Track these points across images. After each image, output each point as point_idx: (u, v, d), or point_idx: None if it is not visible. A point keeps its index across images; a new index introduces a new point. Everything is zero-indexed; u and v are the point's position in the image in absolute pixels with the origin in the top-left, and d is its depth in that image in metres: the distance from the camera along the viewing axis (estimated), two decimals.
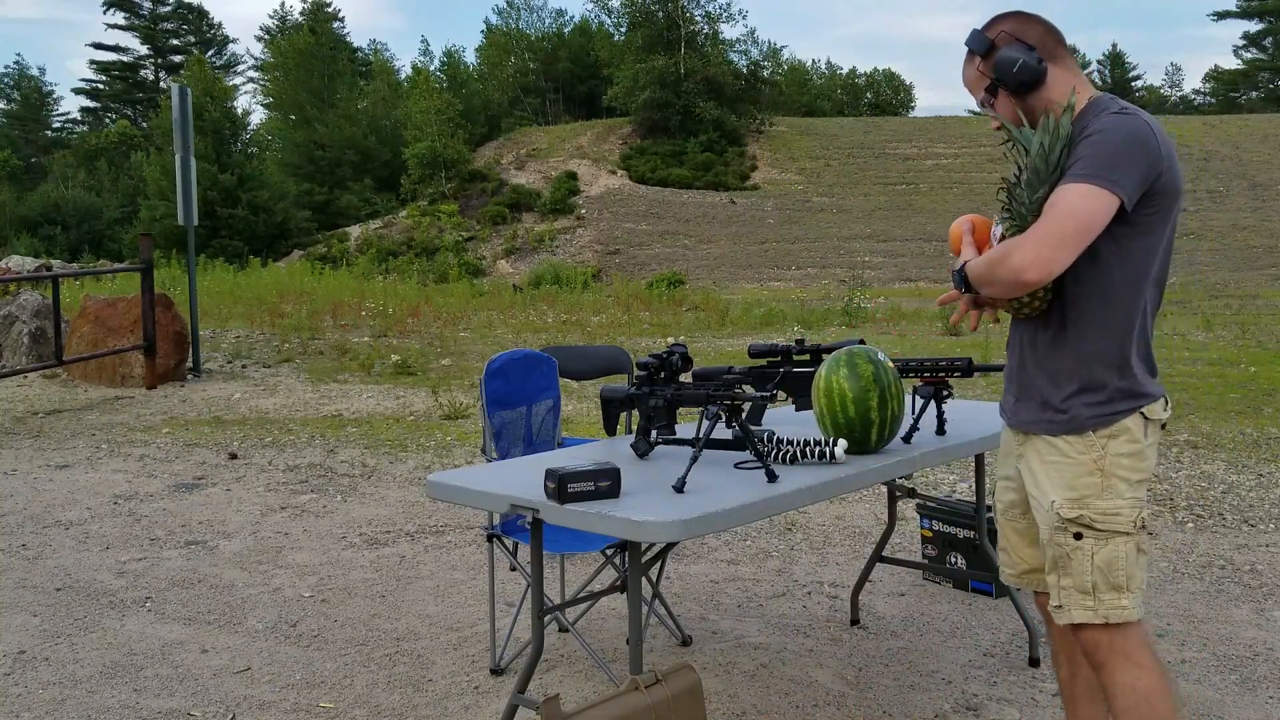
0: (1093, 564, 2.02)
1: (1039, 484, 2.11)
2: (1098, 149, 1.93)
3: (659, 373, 2.66)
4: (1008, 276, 1.96)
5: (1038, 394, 2.11)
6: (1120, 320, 2.03)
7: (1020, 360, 2.17)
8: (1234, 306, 17.19)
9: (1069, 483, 2.05)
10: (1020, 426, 2.17)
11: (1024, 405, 2.15)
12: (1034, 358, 2.12)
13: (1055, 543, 2.06)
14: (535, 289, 22.10)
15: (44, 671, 3.22)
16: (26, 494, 5.42)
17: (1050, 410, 2.09)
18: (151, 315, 8.92)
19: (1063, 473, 2.06)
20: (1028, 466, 2.15)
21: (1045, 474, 2.09)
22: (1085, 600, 2.03)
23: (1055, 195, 1.94)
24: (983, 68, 2.11)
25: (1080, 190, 1.91)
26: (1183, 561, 4.16)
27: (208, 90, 37.15)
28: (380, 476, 5.77)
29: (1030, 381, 2.13)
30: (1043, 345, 2.10)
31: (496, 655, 3.20)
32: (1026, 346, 2.14)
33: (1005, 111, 2.09)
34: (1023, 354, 2.16)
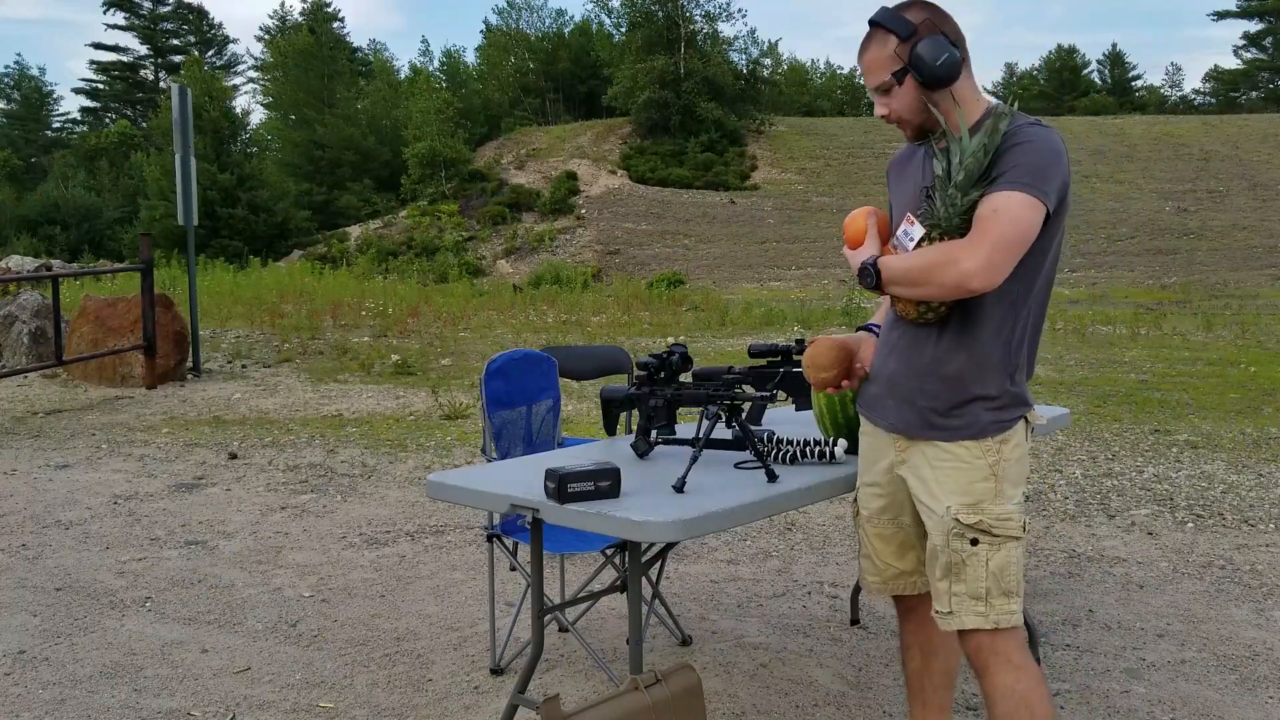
0: (987, 570, 2.01)
1: (929, 490, 2.07)
2: (1030, 159, 1.90)
3: (659, 373, 2.66)
4: (953, 280, 1.89)
5: (927, 399, 2.07)
6: (1013, 327, 2.02)
7: (902, 365, 2.11)
8: (1234, 306, 17.20)
9: (964, 488, 2.03)
10: (906, 432, 2.11)
11: (908, 411, 2.10)
12: (920, 363, 2.07)
13: (951, 549, 2.03)
14: (535, 289, 22.09)
15: (44, 671, 3.22)
16: (26, 494, 5.42)
17: (945, 416, 2.05)
18: (151, 315, 8.91)
19: (957, 479, 2.04)
20: (913, 473, 2.11)
21: (937, 480, 2.06)
22: (977, 606, 2.02)
23: (994, 201, 1.89)
24: (899, 51, 2.00)
25: (1020, 199, 1.88)
26: (1183, 561, 4.16)
27: (207, 90, 37.14)
28: (380, 476, 5.77)
29: (918, 387, 2.08)
30: (932, 351, 2.05)
31: (496, 655, 3.20)
32: (908, 351, 2.09)
33: (904, 103, 2.02)
34: (905, 358, 2.10)
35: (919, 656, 2.32)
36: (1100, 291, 23.82)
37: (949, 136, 1.97)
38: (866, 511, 2.26)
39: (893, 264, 2.00)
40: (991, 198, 1.91)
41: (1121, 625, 3.50)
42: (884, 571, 2.27)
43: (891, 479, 2.18)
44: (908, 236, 2.02)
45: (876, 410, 2.19)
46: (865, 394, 2.25)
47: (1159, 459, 5.89)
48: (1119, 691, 2.99)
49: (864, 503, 2.27)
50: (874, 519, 2.25)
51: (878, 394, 2.18)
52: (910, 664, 2.34)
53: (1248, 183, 36.95)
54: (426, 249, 35.26)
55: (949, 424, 2.05)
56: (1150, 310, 16.36)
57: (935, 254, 1.94)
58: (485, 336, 13.02)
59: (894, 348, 2.13)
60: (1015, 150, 1.91)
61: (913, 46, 1.98)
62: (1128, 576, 3.99)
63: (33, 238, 39.62)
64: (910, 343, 2.09)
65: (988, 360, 2.03)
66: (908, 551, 2.23)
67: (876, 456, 2.22)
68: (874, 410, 2.20)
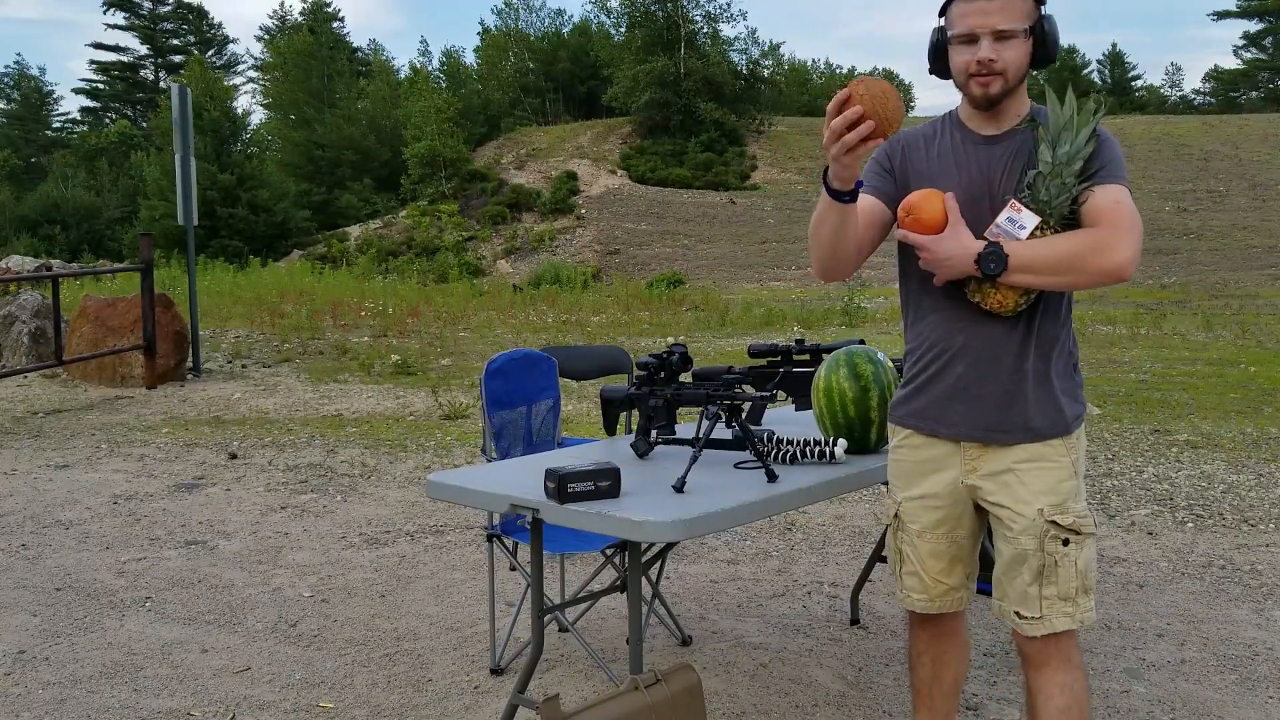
0: (1077, 569, 1.99)
1: (1014, 495, 2.01)
2: (1116, 153, 1.95)
3: (659, 373, 2.66)
4: (1110, 267, 1.87)
5: (1012, 400, 2.00)
6: (1070, 315, 2.07)
7: (976, 367, 2.01)
8: (1234, 306, 17.19)
9: (1052, 488, 2.00)
10: (985, 438, 2.02)
11: (988, 414, 2.01)
12: (1001, 362, 1.99)
13: (1045, 552, 1.99)
14: (535, 289, 22.09)
15: (44, 671, 3.22)
16: (26, 494, 5.42)
17: (1033, 415, 2.00)
18: (151, 315, 8.91)
19: (1044, 479, 2.00)
20: (991, 480, 2.03)
21: (1022, 483, 2.00)
22: (1066, 607, 2.00)
23: (1113, 192, 1.91)
24: (1032, 10, 1.98)
25: (1127, 193, 1.93)
26: (1183, 561, 4.16)
27: (208, 90, 37.13)
28: (380, 476, 5.77)
29: (1001, 389, 2.00)
30: (1013, 348, 1.99)
31: (496, 655, 3.20)
32: (981, 351, 2.00)
33: (1017, 58, 1.94)
34: (978, 360, 2.01)
35: (930, 666, 2.27)
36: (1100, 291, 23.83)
37: (1057, 123, 1.92)
38: (918, 526, 2.14)
39: (1025, 250, 1.90)
40: (1108, 189, 1.92)
41: (1121, 625, 3.50)
42: (933, 589, 2.17)
43: (955, 490, 2.09)
44: (1015, 224, 1.93)
45: (939, 420, 2.07)
46: (914, 405, 2.12)
47: (1159, 459, 5.88)
48: (1119, 691, 2.99)
49: (914, 517, 2.14)
50: (928, 534, 2.13)
51: (938, 402, 2.07)
52: (919, 672, 2.29)
53: (1248, 183, 36.93)
54: (426, 249, 35.24)
55: (1037, 423, 2.00)
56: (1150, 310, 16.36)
57: (1082, 241, 1.89)
58: (485, 336, 13.02)
59: (960, 352, 2.02)
60: (1104, 144, 1.94)
61: (1041, 13, 1.98)
62: (1128, 576, 3.99)
63: (33, 238, 39.62)
64: (982, 343, 2.01)
65: (1064, 351, 2.03)
66: (956, 566, 2.15)
67: (934, 468, 2.10)
68: (936, 421, 2.08)
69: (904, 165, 2.09)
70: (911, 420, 2.13)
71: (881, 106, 1.78)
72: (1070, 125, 1.90)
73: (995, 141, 2.02)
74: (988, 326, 1.99)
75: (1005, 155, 2.00)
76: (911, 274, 2.10)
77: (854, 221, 1.98)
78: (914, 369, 2.12)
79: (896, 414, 2.19)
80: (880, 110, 1.78)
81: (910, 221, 1.97)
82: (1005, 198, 1.96)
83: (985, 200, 1.98)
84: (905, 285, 2.15)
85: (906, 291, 2.15)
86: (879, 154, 2.11)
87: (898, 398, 2.19)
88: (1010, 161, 1.99)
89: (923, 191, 1.99)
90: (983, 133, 2.03)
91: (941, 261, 1.95)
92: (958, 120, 2.09)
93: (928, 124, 2.13)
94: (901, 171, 2.09)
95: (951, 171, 2.03)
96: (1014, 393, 2.00)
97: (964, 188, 2.00)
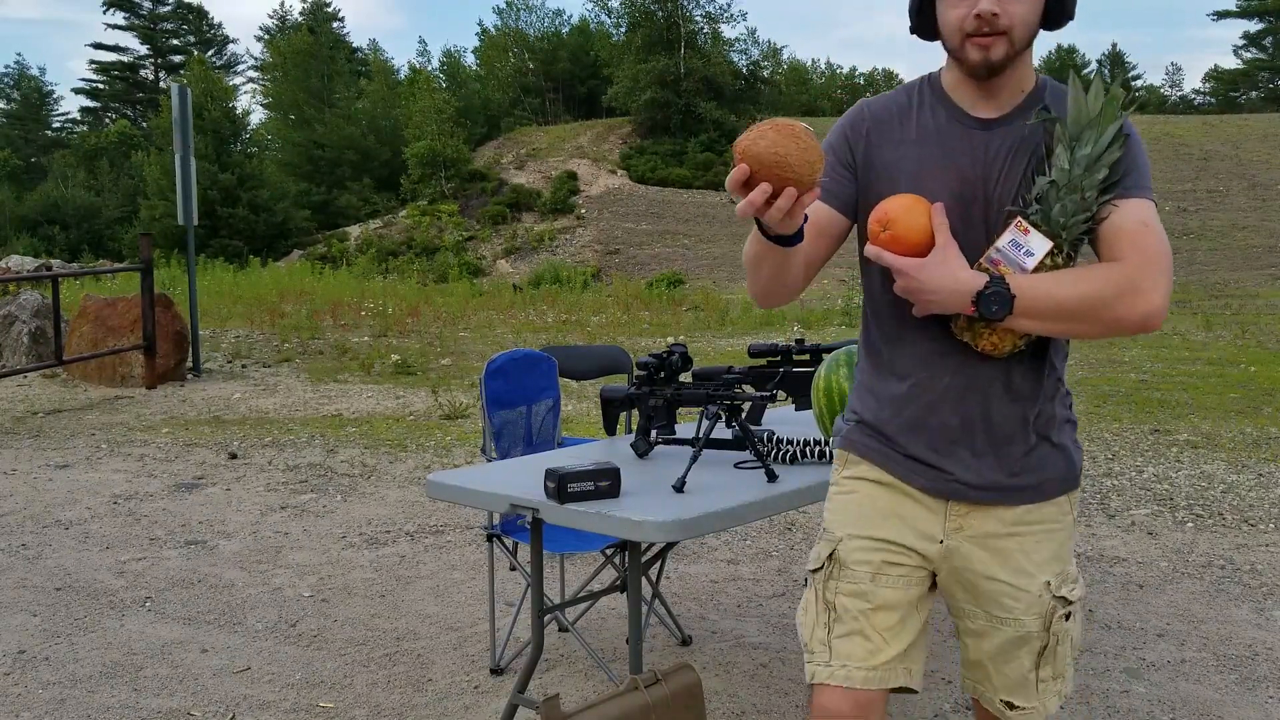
0: (1072, 641, 1.67)
1: (1014, 565, 1.62)
2: (1142, 157, 1.54)
3: (659, 373, 2.67)
4: (1137, 317, 1.47)
5: (1014, 453, 1.62)
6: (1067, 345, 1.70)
7: (967, 413, 1.60)
8: (1234, 306, 17.18)
9: (1056, 554, 1.64)
10: (979, 498, 1.61)
11: (984, 470, 1.61)
12: (998, 410, 1.59)
13: (1051, 632, 1.63)
14: (535, 289, 22.10)
15: (44, 671, 3.22)
16: (26, 494, 5.42)
17: (1039, 470, 1.63)
18: (151, 315, 8.91)
19: (1049, 545, 1.64)
20: (981, 545, 1.62)
21: (1024, 551, 1.63)
22: (1058, 685, 1.67)
23: (1141, 212, 1.50)
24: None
25: (1155, 211, 1.53)
26: (1183, 561, 4.16)
27: (208, 90, 37.14)
28: (380, 476, 5.77)
29: (1000, 439, 1.61)
30: (1029, 388, 1.60)
31: (496, 655, 3.20)
32: (972, 395, 1.59)
33: (1027, 13, 1.51)
34: (969, 406, 1.59)
35: None
36: None
37: (1079, 118, 1.49)
38: (869, 568, 1.64)
39: (1035, 290, 1.48)
40: (1134, 205, 1.51)
41: (1121, 625, 3.50)
42: (881, 653, 1.62)
43: (929, 548, 1.65)
44: (1021, 250, 1.51)
45: (918, 473, 1.63)
46: (883, 445, 1.67)
47: (1159, 459, 5.89)
48: (1119, 691, 2.99)
49: (863, 557, 1.64)
50: (882, 577, 1.64)
51: (918, 451, 1.63)
52: None
53: (1248, 183, 36.94)
54: (426, 249, 35.24)
55: (1045, 479, 1.63)
56: None
57: (1107, 282, 1.47)
58: (485, 336, 13.02)
59: (947, 396, 1.60)
60: (1131, 147, 1.52)
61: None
62: (1128, 576, 3.99)
63: (33, 238, 39.63)
64: (975, 386, 1.59)
65: (1064, 392, 1.66)
66: (907, 626, 1.64)
67: (903, 516, 1.65)
68: (914, 473, 1.64)
69: (868, 155, 1.63)
70: (881, 459, 1.67)
71: (776, 166, 1.37)
72: (1096, 122, 1.47)
73: (992, 127, 1.58)
74: (985, 365, 1.58)
75: (1005, 148, 1.56)
76: (880, 286, 1.65)
77: (801, 259, 1.56)
78: (886, 404, 1.66)
79: (855, 443, 1.71)
80: (775, 170, 1.38)
81: (886, 238, 1.53)
82: (1004, 208, 1.55)
83: (977, 204, 1.56)
84: (871, 297, 1.71)
85: (873, 305, 1.70)
86: (836, 140, 1.66)
87: (857, 421, 1.72)
88: (1010, 157, 1.56)
89: (903, 200, 1.54)
90: (976, 113, 1.59)
91: (925, 294, 1.51)
92: (941, 92, 1.62)
93: (899, 91, 1.67)
94: (865, 164, 1.63)
95: (934, 162, 1.58)
96: (1016, 444, 1.61)
97: (949, 186, 1.57)
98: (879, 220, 1.54)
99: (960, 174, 1.57)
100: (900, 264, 1.52)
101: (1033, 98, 1.58)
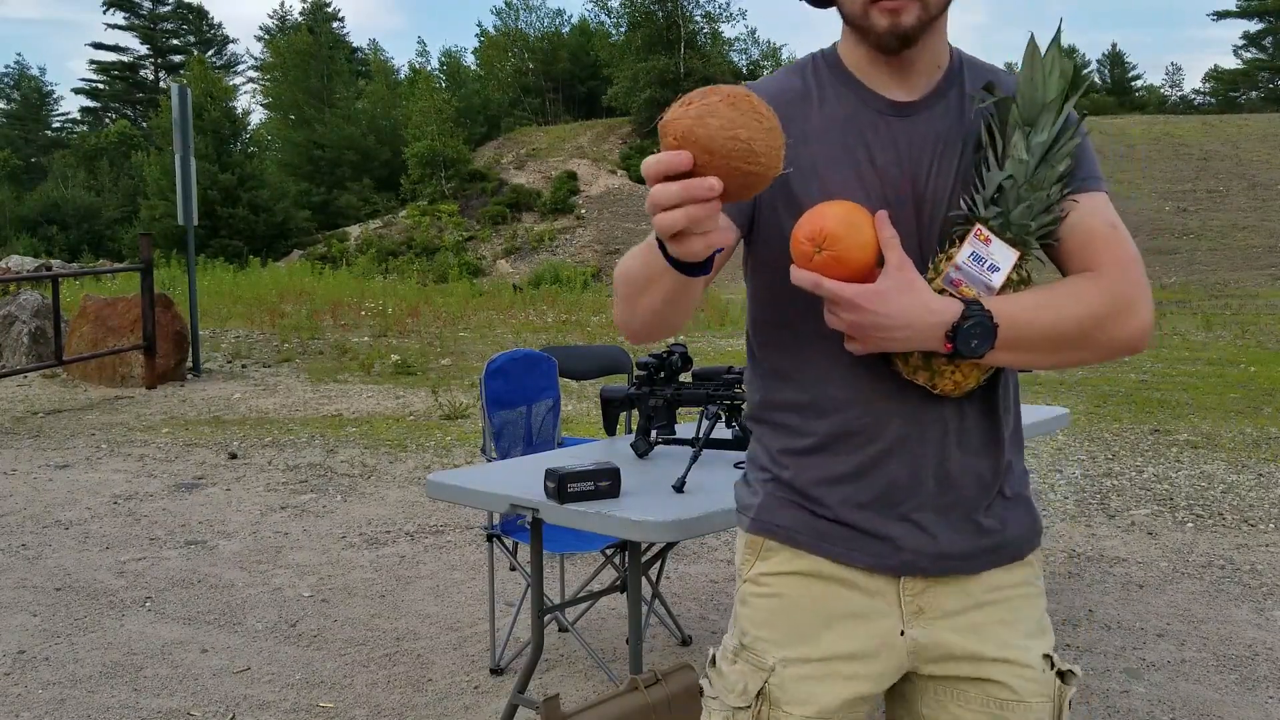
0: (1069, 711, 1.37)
1: (1000, 642, 1.30)
2: (1088, 142, 1.29)
3: (659, 373, 2.67)
4: (1131, 337, 1.22)
5: (990, 503, 1.31)
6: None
7: (918, 466, 1.27)
8: (1234, 306, 17.19)
9: (1040, 621, 1.36)
10: (938, 568, 1.28)
11: (958, 529, 1.29)
12: (968, 456, 1.29)
13: (1058, 711, 1.33)
14: (535, 289, 22.10)
15: (44, 671, 3.22)
16: (26, 494, 5.42)
17: (1010, 525, 1.33)
18: (151, 315, 8.92)
19: (1030, 611, 1.34)
20: (950, 629, 1.29)
21: (1006, 624, 1.31)
22: None
23: (1106, 212, 1.25)
24: None
25: (1111, 205, 1.28)
26: (1183, 561, 4.16)
27: (208, 90, 37.16)
28: (380, 476, 5.77)
29: (978, 488, 1.30)
30: (988, 429, 1.30)
31: (496, 655, 3.20)
32: (925, 444, 1.27)
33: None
34: (923, 457, 1.27)
35: None
36: None
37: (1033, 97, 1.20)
38: (814, 709, 1.28)
39: (1018, 316, 1.18)
40: (1095, 203, 1.25)
41: (1121, 625, 3.50)
42: None
43: (888, 648, 1.30)
44: (983, 264, 1.21)
45: (860, 546, 1.28)
46: (805, 517, 1.32)
47: (1159, 459, 5.89)
48: (1119, 691, 2.99)
49: (808, 696, 1.29)
50: (851, 714, 1.30)
51: (858, 518, 1.28)
52: None
53: (1248, 183, 36.95)
54: (426, 249, 35.25)
55: (1015, 534, 1.33)
56: None
57: (1096, 299, 1.21)
58: (485, 336, 13.02)
59: (894, 446, 1.26)
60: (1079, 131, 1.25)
61: None
62: (1128, 576, 3.99)
63: (32, 238, 39.64)
64: (921, 433, 1.26)
65: (1021, 435, 1.38)
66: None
67: (848, 613, 1.30)
68: (854, 546, 1.29)
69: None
70: (806, 539, 1.32)
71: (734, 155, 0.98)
72: (1054, 103, 1.20)
73: (911, 112, 1.27)
74: (936, 405, 1.27)
75: (931, 137, 1.26)
76: (800, 313, 1.28)
77: (700, 289, 1.18)
78: (810, 456, 1.30)
79: (773, 525, 1.37)
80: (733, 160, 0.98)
81: (824, 260, 1.16)
82: (939, 212, 1.25)
83: (906, 208, 1.25)
84: (777, 322, 1.34)
85: (784, 333, 1.33)
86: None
87: (769, 479, 1.36)
88: (940, 148, 1.26)
89: (838, 209, 1.18)
90: (890, 95, 1.27)
91: (884, 330, 1.17)
92: (844, 73, 1.29)
93: (787, 72, 1.33)
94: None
95: (849, 160, 1.25)
96: (976, 499, 1.30)
97: (870, 188, 1.24)
98: (811, 237, 1.16)
99: (881, 173, 1.25)
100: (847, 294, 1.15)
101: (951, 76, 1.28)
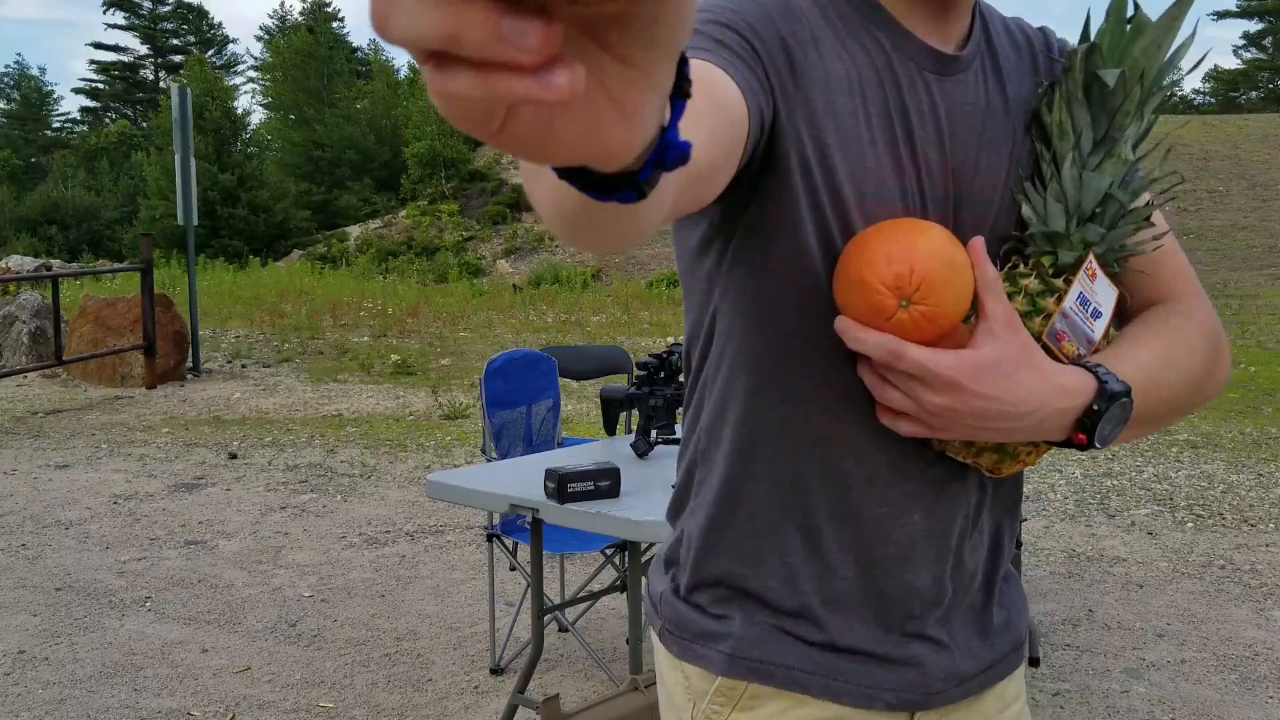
0: None
1: None
2: None
3: (659, 373, 2.67)
4: (1213, 393, 0.98)
5: (998, 603, 1.02)
6: None
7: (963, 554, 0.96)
8: (1234, 306, 17.19)
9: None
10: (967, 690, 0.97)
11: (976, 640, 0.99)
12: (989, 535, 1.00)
13: None
14: (535, 289, 22.10)
15: (44, 671, 3.22)
16: (26, 494, 5.42)
17: (1021, 618, 1.05)
18: (151, 315, 8.91)
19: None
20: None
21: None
22: None
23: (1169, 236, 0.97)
24: None
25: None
26: (1183, 561, 4.16)
27: (208, 90, 37.17)
28: (380, 476, 5.77)
29: (989, 587, 1.01)
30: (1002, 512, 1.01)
31: (496, 655, 3.20)
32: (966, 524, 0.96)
33: None
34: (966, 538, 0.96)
35: None
36: None
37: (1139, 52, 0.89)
38: None
39: (1146, 381, 0.88)
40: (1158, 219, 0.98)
41: (1121, 625, 3.50)
42: None
43: None
44: (1088, 308, 0.89)
45: (873, 680, 0.93)
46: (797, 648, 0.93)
47: (1159, 459, 5.89)
48: (1119, 691, 2.99)
49: None
50: None
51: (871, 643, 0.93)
52: None
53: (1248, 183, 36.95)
54: (426, 249, 35.22)
55: (1018, 623, 1.04)
56: None
57: (1200, 345, 0.94)
58: (485, 336, 13.02)
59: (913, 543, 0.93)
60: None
61: None
62: (1128, 576, 3.99)
63: (33, 238, 39.62)
64: (945, 525, 0.94)
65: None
66: None
67: None
68: (867, 681, 0.93)
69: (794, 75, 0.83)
70: (821, 679, 0.92)
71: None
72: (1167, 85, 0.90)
73: (953, 70, 0.90)
74: (959, 486, 0.95)
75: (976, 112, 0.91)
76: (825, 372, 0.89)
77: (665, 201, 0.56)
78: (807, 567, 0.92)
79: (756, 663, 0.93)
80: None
81: (912, 319, 0.79)
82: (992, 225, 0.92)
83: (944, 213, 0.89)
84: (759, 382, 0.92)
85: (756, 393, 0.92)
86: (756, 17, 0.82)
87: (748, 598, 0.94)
88: (988, 128, 0.91)
89: (932, 237, 0.81)
90: (931, 43, 0.89)
91: (993, 417, 0.83)
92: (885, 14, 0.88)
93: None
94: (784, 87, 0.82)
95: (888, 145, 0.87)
96: (986, 588, 1.01)
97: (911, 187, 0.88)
98: (898, 285, 0.78)
99: (921, 160, 0.87)
100: (945, 370, 0.80)
101: (978, 22, 0.94)
